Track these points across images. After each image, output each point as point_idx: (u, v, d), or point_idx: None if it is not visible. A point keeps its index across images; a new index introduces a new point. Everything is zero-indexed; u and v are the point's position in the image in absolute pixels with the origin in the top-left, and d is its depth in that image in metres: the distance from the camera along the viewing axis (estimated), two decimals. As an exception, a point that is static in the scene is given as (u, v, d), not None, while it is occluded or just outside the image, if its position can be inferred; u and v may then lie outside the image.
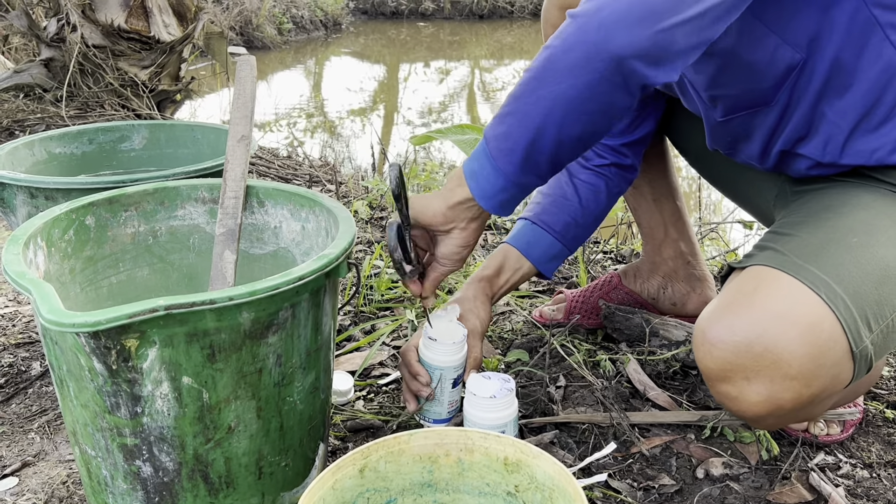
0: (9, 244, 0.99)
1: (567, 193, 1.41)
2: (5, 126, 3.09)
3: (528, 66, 1.02)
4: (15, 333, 1.61)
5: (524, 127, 1.00)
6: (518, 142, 1.01)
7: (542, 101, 0.98)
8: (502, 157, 1.02)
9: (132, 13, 3.36)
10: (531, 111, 0.99)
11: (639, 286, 1.57)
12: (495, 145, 1.03)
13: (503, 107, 1.03)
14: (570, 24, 0.96)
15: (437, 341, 1.19)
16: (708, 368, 0.99)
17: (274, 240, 1.25)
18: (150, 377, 0.89)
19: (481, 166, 1.05)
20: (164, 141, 1.58)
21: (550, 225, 1.38)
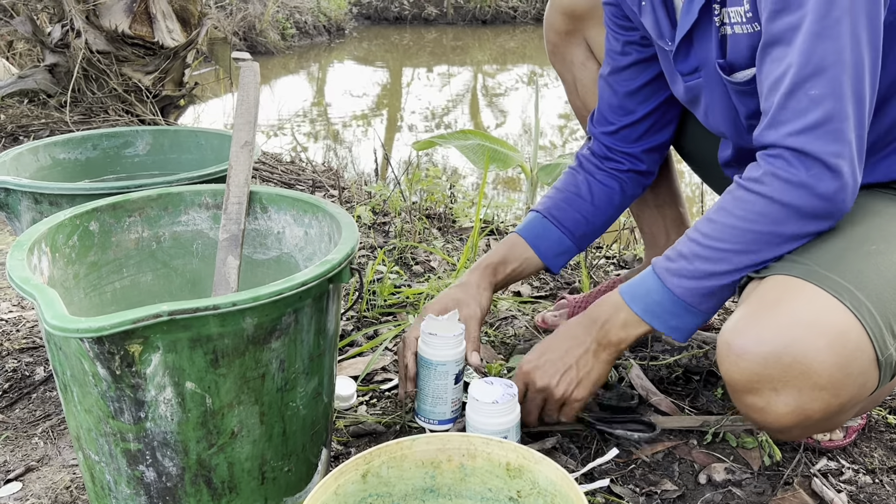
0: (13, 250, 0.99)
1: (581, 191, 1.41)
2: (10, 131, 3.09)
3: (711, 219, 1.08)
4: (19, 338, 1.62)
5: (731, 283, 1.07)
6: (725, 291, 1.08)
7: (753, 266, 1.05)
8: (701, 306, 1.09)
9: (136, 19, 3.37)
10: (739, 276, 1.06)
11: None
12: (699, 302, 1.09)
13: (705, 275, 1.06)
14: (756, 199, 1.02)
15: (436, 336, 1.21)
16: (734, 380, 0.98)
17: (277, 245, 1.25)
18: (153, 382, 0.89)
19: (683, 319, 1.10)
20: (168, 146, 1.58)
21: (561, 221, 1.38)
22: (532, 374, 1.18)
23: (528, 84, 7.33)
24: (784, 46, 0.98)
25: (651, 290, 1.10)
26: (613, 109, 1.39)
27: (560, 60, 1.54)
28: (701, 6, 1.10)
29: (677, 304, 1.08)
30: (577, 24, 1.48)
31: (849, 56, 0.95)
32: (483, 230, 2.22)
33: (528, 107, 6.37)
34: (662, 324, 1.10)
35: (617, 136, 1.41)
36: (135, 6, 3.35)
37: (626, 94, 1.37)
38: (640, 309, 1.11)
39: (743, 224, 1.03)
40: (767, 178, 1.01)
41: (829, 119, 0.96)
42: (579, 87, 1.54)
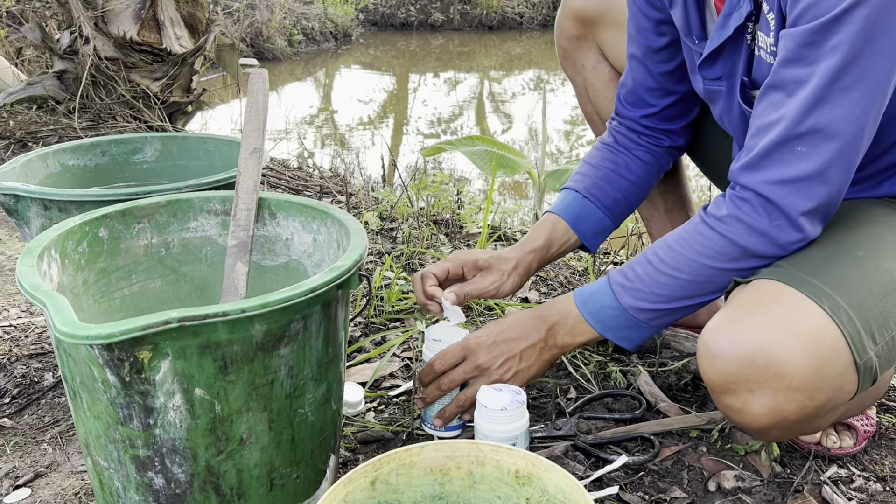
0: (23, 256, 0.99)
1: (621, 169, 1.39)
2: (19, 138, 3.11)
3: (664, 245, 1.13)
4: (28, 344, 1.62)
5: (681, 307, 1.13)
6: (672, 315, 1.15)
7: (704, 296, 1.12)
8: (652, 323, 1.16)
9: (144, 25, 3.38)
10: (691, 302, 1.13)
11: None
12: (649, 319, 1.15)
13: (659, 298, 1.12)
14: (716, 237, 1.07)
15: (440, 342, 1.23)
16: (712, 381, 1.00)
17: (286, 252, 1.25)
18: (162, 389, 0.89)
19: (629, 333, 1.17)
20: (176, 153, 1.59)
21: (601, 200, 1.38)
22: (477, 349, 1.21)
23: (534, 90, 7.33)
24: (785, 95, 0.99)
25: (605, 304, 1.15)
26: (651, 91, 1.37)
27: (571, 65, 1.55)
28: (738, 26, 1.09)
29: (630, 320, 1.14)
30: (588, 28, 1.48)
31: (847, 126, 0.96)
32: (490, 236, 2.22)
33: (534, 112, 6.38)
34: (614, 334, 1.17)
35: (658, 116, 1.39)
36: (143, 13, 3.37)
37: (664, 75, 1.35)
38: (593, 319, 1.17)
39: (701, 259, 1.08)
40: (731, 220, 1.05)
41: (808, 177, 0.99)
42: (591, 90, 1.54)
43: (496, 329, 1.22)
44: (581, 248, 1.41)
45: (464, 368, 1.21)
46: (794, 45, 0.96)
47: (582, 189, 1.38)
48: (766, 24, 1.05)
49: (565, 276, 1.96)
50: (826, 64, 0.94)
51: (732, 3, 1.09)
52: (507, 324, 1.23)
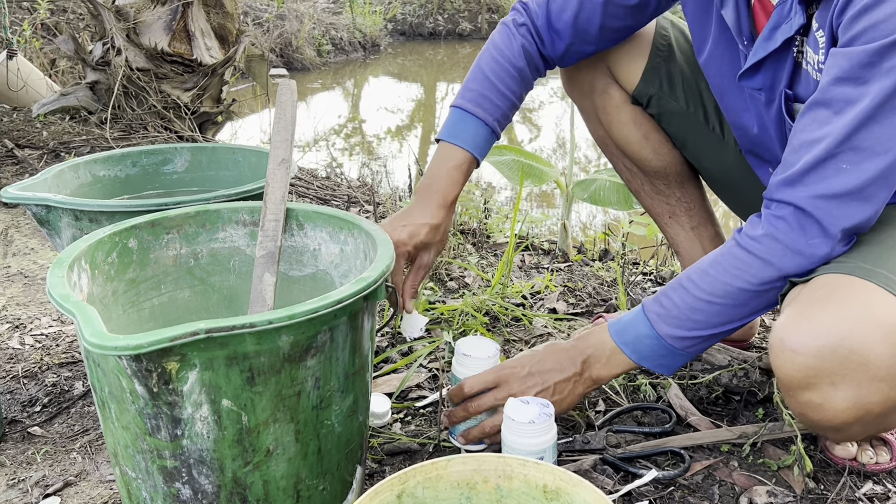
0: (54, 267, 1.00)
1: (520, 94, 1.37)
2: (52, 148, 3.15)
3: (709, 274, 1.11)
4: (58, 353, 1.64)
5: (719, 334, 1.13)
6: (712, 340, 1.14)
7: (741, 320, 1.12)
8: (688, 351, 1.15)
9: (175, 36, 3.42)
10: (728, 329, 1.12)
11: None
12: (686, 348, 1.14)
13: (696, 325, 1.12)
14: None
15: (470, 356, 1.23)
16: (789, 377, 0.98)
17: (313, 262, 1.25)
18: (190, 400, 0.89)
19: (663, 362, 1.16)
20: (205, 163, 1.60)
21: (501, 128, 1.36)
22: (510, 379, 1.19)
23: (561, 98, 7.31)
24: (832, 113, 0.98)
25: (642, 334, 1.14)
26: (579, 33, 1.34)
27: (577, 88, 1.49)
28: (786, 38, 1.08)
29: (667, 349, 1.13)
30: (600, 56, 1.42)
31: (893, 145, 0.96)
32: (518, 245, 2.21)
33: (561, 121, 6.35)
34: (651, 363, 1.15)
35: (561, 50, 1.37)
36: (174, 24, 3.41)
37: (601, 28, 1.33)
38: (629, 350, 1.16)
39: (737, 283, 1.07)
40: (767, 239, 1.04)
41: (849, 193, 0.99)
42: (602, 115, 1.47)
43: (531, 360, 1.20)
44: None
45: (494, 395, 1.19)
46: (848, 64, 0.96)
47: (492, 122, 1.33)
48: (815, 41, 1.05)
49: (593, 287, 1.94)
50: (880, 84, 0.94)
51: (782, 15, 1.08)
52: (541, 355, 1.21)
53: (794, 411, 1.03)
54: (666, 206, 1.52)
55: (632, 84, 1.41)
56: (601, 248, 2.30)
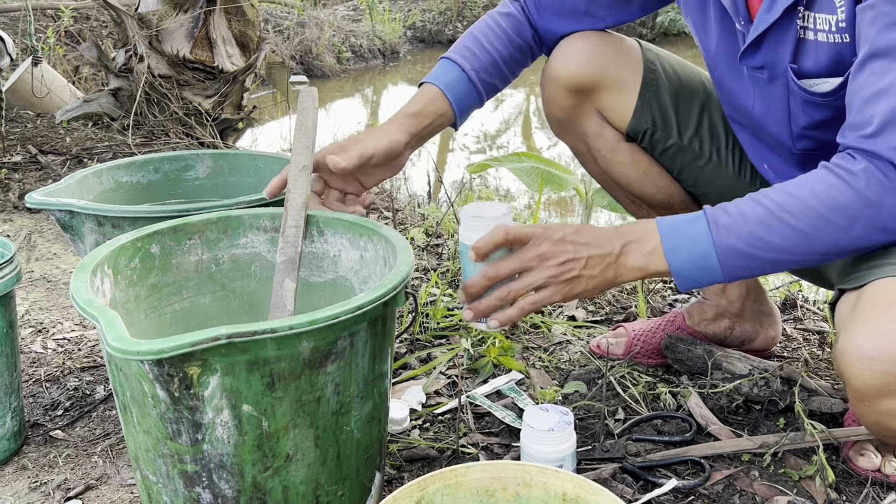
0: (77, 272, 1.01)
1: (506, 59, 1.36)
2: (75, 154, 3.18)
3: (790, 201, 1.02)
4: (80, 357, 1.65)
5: (775, 269, 1.07)
6: (759, 274, 1.07)
7: (805, 261, 1.04)
8: (732, 279, 1.06)
9: (197, 44, 3.45)
10: (791, 264, 1.05)
11: (704, 328, 1.53)
12: (734, 272, 1.05)
13: (761, 242, 1.02)
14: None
15: (482, 218, 1.09)
16: (868, 385, 0.95)
17: (333, 268, 1.26)
18: (211, 405, 0.90)
19: (703, 276, 1.05)
20: (227, 170, 1.61)
21: (484, 86, 1.35)
22: (543, 238, 1.05)
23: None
24: (891, 60, 0.96)
25: (693, 233, 1.04)
26: (575, 18, 1.37)
27: (570, 134, 1.45)
28: (786, 7, 1.07)
29: (708, 257, 1.03)
30: (585, 97, 1.38)
31: None
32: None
33: (581, 128, 6.32)
34: (678, 264, 1.04)
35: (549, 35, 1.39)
36: (196, 31, 3.43)
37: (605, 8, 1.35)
38: (670, 247, 1.04)
39: (820, 207, 0.99)
40: (865, 174, 0.97)
41: None
42: (598, 157, 1.44)
43: (565, 229, 1.09)
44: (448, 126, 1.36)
45: (522, 256, 1.06)
46: (894, 8, 0.94)
47: (468, 69, 1.32)
48: (829, 2, 1.03)
49: (612, 294, 1.93)
50: None
51: None
52: (577, 227, 1.10)
53: (867, 422, 1.00)
54: None
55: (624, 123, 1.38)
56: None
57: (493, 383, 1.48)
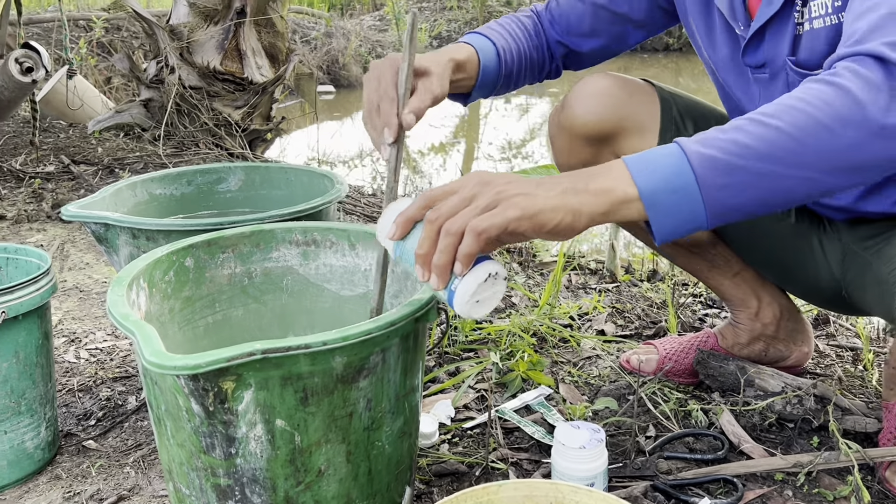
0: (114, 285, 1.02)
1: (524, 56, 1.35)
2: (106, 164, 3.22)
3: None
4: (112, 367, 1.67)
5: (763, 197, 0.86)
6: (746, 207, 0.87)
7: (799, 183, 0.86)
8: (717, 214, 0.87)
9: (227, 55, 3.48)
10: (783, 185, 0.85)
11: (738, 350, 1.51)
12: (716, 196, 0.85)
13: (741, 147, 0.85)
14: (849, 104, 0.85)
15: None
16: None
17: (364, 282, 1.26)
18: (244, 419, 0.90)
19: (679, 202, 0.85)
20: (258, 182, 1.62)
21: (507, 67, 1.32)
22: (482, 175, 0.90)
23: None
24: None
25: (661, 154, 0.87)
26: (581, 33, 1.38)
27: None
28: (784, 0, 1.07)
29: (683, 174, 0.84)
30: (606, 144, 1.35)
31: None
32: (565, 265, 2.20)
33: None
34: (649, 185, 0.85)
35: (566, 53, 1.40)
36: (226, 43, 3.47)
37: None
38: (637, 167, 0.86)
39: (805, 107, 0.85)
40: (846, 72, 0.86)
41: None
42: None
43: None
44: (459, 94, 1.29)
45: (459, 180, 0.91)
46: None
47: (500, 49, 1.30)
48: None
49: (642, 308, 1.92)
50: None
51: None
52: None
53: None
54: (703, 261, 1.46)
55: None
56: (649, 269, 2.27)
57: (522, 398, 1.47)
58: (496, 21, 1.37)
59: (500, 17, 5.82)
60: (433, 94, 1.10)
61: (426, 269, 0.88)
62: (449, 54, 1.19)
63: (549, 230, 0.86)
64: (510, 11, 8.42)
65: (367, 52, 8.92)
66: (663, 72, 8.95)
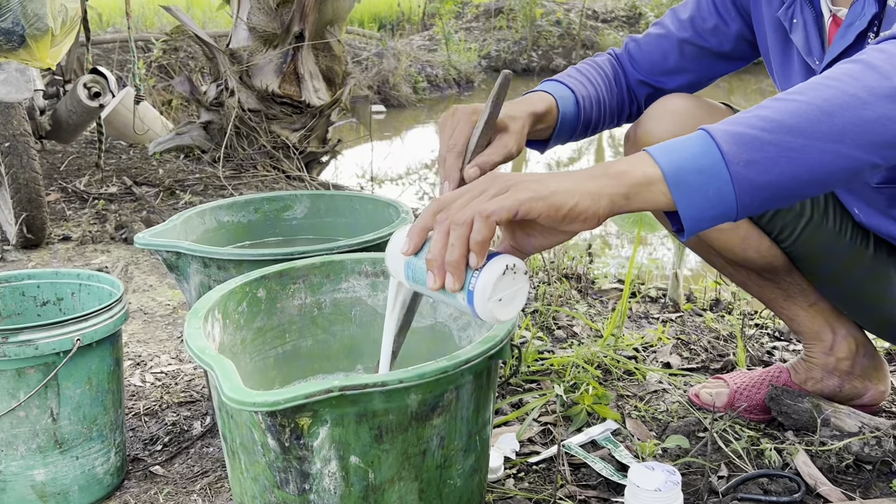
0: (190, 317, 1.03)
1: (604, 103, 1.35)
2: (167, 185, 3.28)
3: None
4: (177, 392, 1.68)
5: (796, 173, 0.80)
6: (779, 186, 0.81)
7: (832, 159, 0.80)
8: (747, 194, 0.81)
9: (285, 79, 3.53)
10: (813, 161, 0.80)
11: (811, 386, 1.46)
12: (744, 174, 0.80)
13: (768, 122, 0.81)
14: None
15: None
16: None
17: (431, 314, 1.25)
18: (319, 455, 0.90)
19: (706, 182, 0.80)
20: (324, 210, 1.63)
21: (586, 116, 1.31)
22: (495, 172, 0.89)
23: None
24: None
25: (684, 138, 0.83)
26: (666, 70, 1.39)
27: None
28: (859, 32, 1.06)
29: (709, 154, 0.80)
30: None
31: None
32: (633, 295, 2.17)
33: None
34: (673, 164, 0.81)
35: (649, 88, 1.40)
36: (285, 67, 3.52)
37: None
38: (659, 151, 0.82)
39: (830, 82, 0.81)
40: (873, 51, 0.83)
41: None
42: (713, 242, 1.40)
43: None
44: (537, 142, 1.27)
45: (470, 184, 0.87)
46: None
47: (580, 97, 1.29)
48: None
49: (708, 340, 1.88)
50: None
51: (856, 13, 1.07)
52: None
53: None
54: (778, 290, 1.42)
55: None
56: (712, 297, 2.23)
57: (587, 432, 1.45)
58: (574, 67, 1.37)
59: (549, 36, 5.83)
60: (507, 151, 1.08)
61: (440, 272, 0.83)
62: (529, 107, 1.18)
63: (566, 214, 0.81)
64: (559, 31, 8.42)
65: (417, 73, 8.98)
66: (714, 91, 8.86)
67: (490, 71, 10.72)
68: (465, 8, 11.82)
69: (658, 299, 2.23)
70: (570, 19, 10.97)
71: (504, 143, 1.08)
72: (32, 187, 2.49)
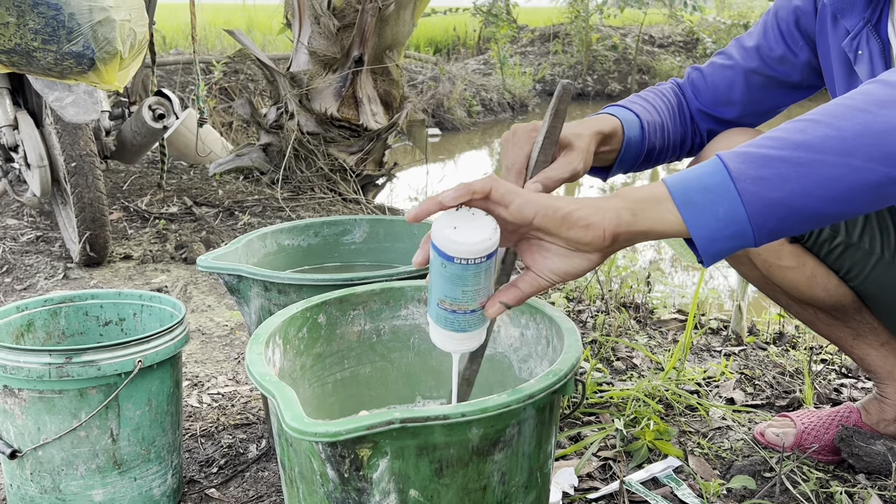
0: (252, 343, 1.03)
1: (668, 131, 1.32)
2: (227, 206, 3.33)
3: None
4: (234, 413, 1.69)
5: (809, 190, 0.78)
6: (793, 203, 0.79)
7: (845, 172, 0.78)
8: (759, 213, 0.79)
9: (344, 103, 3.57)
10: (824, 175, 0.78)
11: (883, 427, 1.40)
12: (753, 190, 0.78)
13: (776, 140, 0.80)
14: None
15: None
16: None
17: (491, 344, 1.23)
18: (378, 487, 0.89)
19: (714, 201, 0.79)
20: (382, 235, 1.62)
21: (650, 143, 1.28)
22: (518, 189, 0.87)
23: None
24: None
25: (697, 167, 0.82)
26: (730, 101, 1.36)
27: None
28: None
29: (717, 174, 0.79)
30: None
31: None
32: (684, 325, 2.12)
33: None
34: (681, 186, 0.80)
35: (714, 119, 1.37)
36: (343, 91, 3.56)
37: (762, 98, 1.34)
38: (672, 179, 0.82)
39: (841, 101, 0.80)
40: (888, 73, 0.81)
41: None
42: (758, 261, 1.34)
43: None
44: (599, 169, 1.25)
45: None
46: None
47: (644, 122, 1.26)
48: None
49: (773, 376, 1.82)
50: None
51: None
52: None
53: None
54: (847, 329, 1.38)
55: None
56: (775, 331, 2.17)
57: (649, 469, 1.41)
58: (637, 94, 1.34)
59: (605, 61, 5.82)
60: (573, 169, 1.06)
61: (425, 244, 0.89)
62: (594, 126, 1.16)
63: (565, 215, 0.82)
64: (615, 56, 8.39)
65: (472, 96, 9.02)
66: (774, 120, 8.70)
67: (544, 95, 10.71)
68: (520, 32, 11.86)
69: (719, 331, 2.18)
70: (626, 44, 10.92)
71: (569, 160, 1.07)
72: (97, 206, 2.54)
